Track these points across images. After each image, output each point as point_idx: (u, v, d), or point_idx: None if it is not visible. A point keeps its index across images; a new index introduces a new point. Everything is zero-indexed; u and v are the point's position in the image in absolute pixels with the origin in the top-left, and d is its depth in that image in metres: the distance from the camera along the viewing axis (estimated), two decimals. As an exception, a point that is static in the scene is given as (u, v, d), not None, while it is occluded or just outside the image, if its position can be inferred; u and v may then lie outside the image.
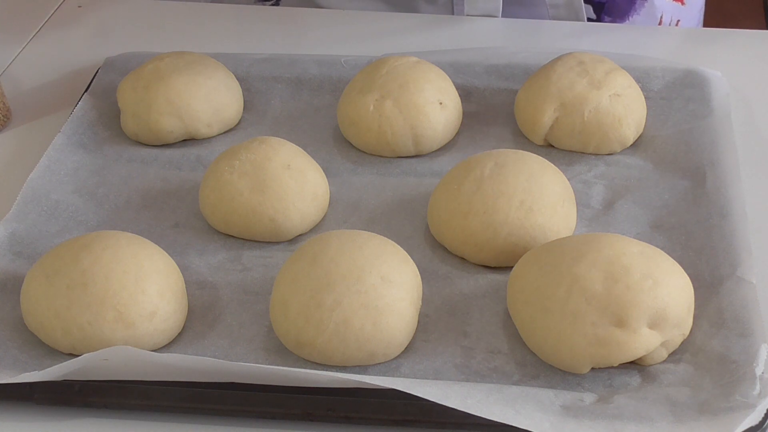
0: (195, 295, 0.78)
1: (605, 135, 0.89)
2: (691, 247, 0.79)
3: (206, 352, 0.73)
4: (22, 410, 0.70)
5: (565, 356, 0.69)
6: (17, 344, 0.73)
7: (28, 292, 0.74)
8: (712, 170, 0.85)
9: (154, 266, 0.74)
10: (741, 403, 0.65)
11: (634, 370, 0.70)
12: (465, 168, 0.81)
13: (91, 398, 0.69)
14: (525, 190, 0.79)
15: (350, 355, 0.71)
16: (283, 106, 0.98)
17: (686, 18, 1.15)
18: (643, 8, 1.10)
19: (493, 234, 0.78)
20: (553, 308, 0.70)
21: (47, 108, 0.99)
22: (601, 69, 0.90)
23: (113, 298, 0.72)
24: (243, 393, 0.69)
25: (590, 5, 1.10)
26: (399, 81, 0.90)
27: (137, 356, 0.67)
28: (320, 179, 0.85)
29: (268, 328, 0.74)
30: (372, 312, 0.70)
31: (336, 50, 1.02)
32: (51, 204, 0.85)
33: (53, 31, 1.13)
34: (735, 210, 0.80)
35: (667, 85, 0.95)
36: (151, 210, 0.86)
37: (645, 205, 0.84)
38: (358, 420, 0.68)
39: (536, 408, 0.66)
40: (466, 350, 0.72)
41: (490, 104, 0.96)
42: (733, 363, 0.68)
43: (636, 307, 0.68)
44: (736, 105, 0.93)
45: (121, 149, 0.93)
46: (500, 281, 0.77)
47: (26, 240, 0.82)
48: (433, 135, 0.90)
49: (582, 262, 0.70)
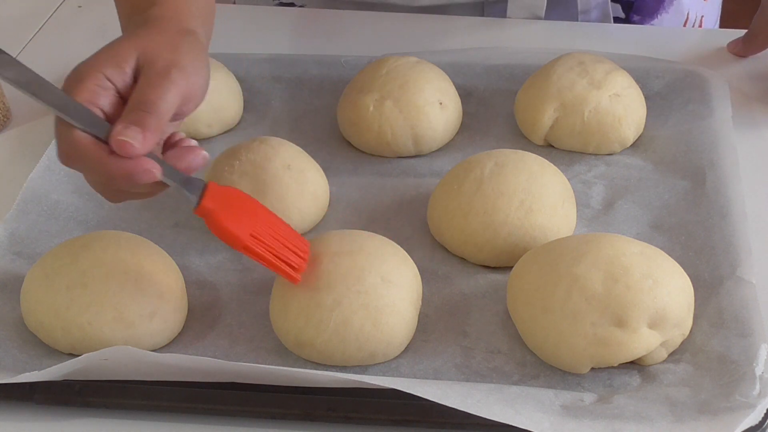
0: (195, 295, 0.78)
1: (605, 135, 0.89)
2: (691, 247, 0.79)
3: (206, 352, 0.73)
4: (22, 410, 0.70)
5: (565, 356, 0.69)
6: (17, 344, 0.73)
7: (28, 292, 0.74)
8: (711, 170, 0.85)
9: (154, 266, 0.74)
10: (741, 403, 0.65)
11: (634, 370, 0.70)
12: (465, 168, 0.81)
13: (91, 398, 0.69)
14: (525, 190, 0.79)
15: (350, 355, 0.71)
16: (283, 106, 0.98)
17: (708, 14, 1.16)
18: (671, 6, 1.10)
19: (493, 234, 0.78)
20: (553, 308, 0.70)
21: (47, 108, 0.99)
22: (601, 69, 0.90)
23: (113, 298, 0.72)
24: (243, 393, 0.69)
25: (619, 4, 1.10)
26: (399, 81, 0.90)
27: (137, 356, 0.67)
28: (320, 179, 0.85)
29: (268, 328, 0.74)
30: (372, 312, 0.70)
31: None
32: (51, 204, 0.85)
33: (53, 31, 1.13)
34: (735, 210, 0.80)
35: (667, 85, 0.95)
36: (151, 210, 0.86)
37: (645, 205, 0.84)
38: (358, 420, 0.68)
39: (536, 408, 0.66)
40: (466, 350, 0.72)
41: (490, 104, 0.96)
42: (733, 363, 0.68)
43: (636, 307, 0.68)
44: (736, 105, 0.93)
45: (121, 149, 0.93)
46: (500, 281, 0.77)
47: (26, 240, 0.82)
48: (433, 135, 0.90)
49: (582, 262, 0.70)
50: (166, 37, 0.69)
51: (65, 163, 0.67)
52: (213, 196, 0.69)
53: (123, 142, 0.64)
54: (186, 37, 0.71)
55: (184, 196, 0.69)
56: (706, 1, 1.15)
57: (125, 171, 0.65)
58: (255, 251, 0.69)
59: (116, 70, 0.67)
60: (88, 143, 0.65)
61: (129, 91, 0.67)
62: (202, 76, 0.69)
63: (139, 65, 0.67)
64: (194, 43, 0.71)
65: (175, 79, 0.66)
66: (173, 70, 0.67)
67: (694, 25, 1.14)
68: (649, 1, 1.10)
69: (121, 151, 0.64)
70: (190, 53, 0.69)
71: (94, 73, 0.66)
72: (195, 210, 0.69)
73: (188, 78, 0.68)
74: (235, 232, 0.68)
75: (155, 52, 0.68)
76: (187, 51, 0.69)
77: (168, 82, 0.66)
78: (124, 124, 0.64)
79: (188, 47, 0.69)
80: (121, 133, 0.64)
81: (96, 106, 0.66)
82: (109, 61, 0.67)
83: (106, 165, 0.65)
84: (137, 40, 0.69)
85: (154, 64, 0.67)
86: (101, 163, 0.65)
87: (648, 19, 1.11)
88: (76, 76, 0.66)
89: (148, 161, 0.65)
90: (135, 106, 0.65)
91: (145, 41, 0.68)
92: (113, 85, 0.67)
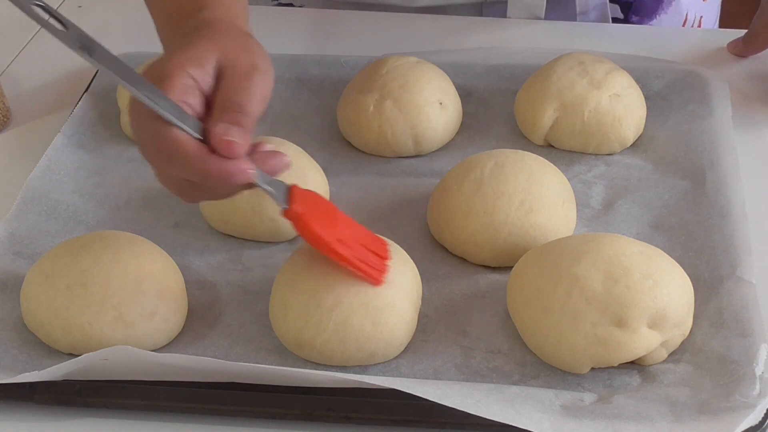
0: (195, 295, 0.77)
1: (605, 135, 0.89)
2: (691, 247, 0.79)
3: (206, 352, 0.73)
4: (22, 410, 0.70)
5: (565, 356, 0.69)
6: (17, 344, 0.73)
7: (28, 292, 0.74)
8: (711, 170, 0.85)
9: (154, 266, 0.74)
10: (741, 403, 0.65)
11: (634, 370, 0.70)
12: (465, 168, 0.81)
13: (91, 398, 0.69)
14: (525, 190, 0.79)
15: (350, 355, 0.71)
16: (283, 106, 0.98)
17: (708, 14, 1.16)
18: (670, 7, 1.10)
19: (493, 234, 0.78)
20: (553, 308, 0.70)
21: (47, 108, 0.99)
22: (601, 69, 0.90)
23: (113, 298, 0.72)
24: (243, 393, 0.69)
25: (617, 5, 1.10)
26: (399, 81, 0.90)
27: (137, 356, 0.67)
28: (320, 179, 0.85)
29: (268, 328, 0.74)
30: (372, 312, 0.70)
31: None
32: (51, 204, 0.85)
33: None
34: (735, 210, 0.80)
35: (667, 85, 0.95)
36: (151, 210, 0.86)
37: (645, 205, 0.84)
38: (358, 420, 0.68)
39: (536, 408, 0.66)
40: (466, 350, 0.72)
41: (490, 104, 0.96)
42: (732, 363, 0.68)
43: (636, 307, 0.68)
44: (736, 105, 0.93)
45: (121, 149, 0.93)
46: (500, 281, 0.77)
47: (26, 240, 0.82)
48: (433, 135, 0.90)
49: (582, 262, 0.70)
50: (237, 40, 0.70)
51: (149, 157, 0.67)
52: (301, 200, 0.70)
53: (229, 143, 0.64)
54: (251, 39, 0.71)
55: (273, 198, 0.69)
56: (705, 2, 1.15)
57: (225, 171, 0.64)
58: (343, 256, 0.70)
59: (199, 70, 0.67)
60: (188, 141, 0.64)
61: (209, 92, 0.67)
62: (272, 78, 0.70)
63: (221, 67, 0.67)
64: (259, 45, 0.71)
65: (258, 81, 0.67)
66: (255, 72, 0.67)
67: (693, 25, 1.14)
68: (648, 2, 1.10)
69: (226, 151, 0.64)
70: (261, 55, 0.70)
71: (180, 71, 0.66)
72: (284, 213, 0.69)
73: (266, 79, 0.68)
74: (326, 238, 0.69)
75: (235, 54, 0.68)
76: (258, 53, 0.70)
77: (253, 85, 0.67)
78: (227, 125, 0.64)
79: (258, 49, 0.70)
80: (227, 134, 0.64)
81: (186, 104, 0.65)
82: (192, 61, 0.67)
83: (207, 164, 0.64)
84: (213, 42, 0.69)
85: (236, 66, 0.67)
86: (201, 162, 0.64)
87: (647, 19, 1.11)
88: (162, 72, 0.66)
89: (247, 162, 0.65)
90: (228, 107, 0.66)
91: (222, 44, 0.69)
92: (197, 85, 0.67)
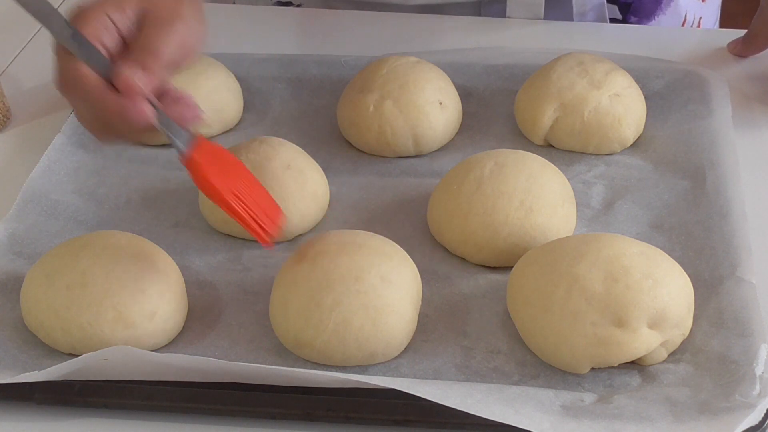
0: (195, 295, 0.78)
1: (605, 135, 0.89)
2: (691, 247, 0.79)
3: (206, 352, 0.73)
4: (22, 410, 0.70)
5: (565, 356, 0.69)
6: (17, 344, 0.73)
7: (28, 292, 0.74)
8: (711, 170, 0.85)
9: (154, 266, 0.74)
10: (741, 403, 0.65)
11: (634, 370, 0.70)
12: (465, 168, 0.81)
13: (91, 398, 0.69)
14: (525, 190, 0.79)
15: (350, 355, 0.71)
16: (283, 106, 0.98)
17: (707, 15, 1.16)
18: (669, 7, 1.10)
19: (493, 234, 0.78)
20: (553, 308, 0.70)
21: (47, 108, 0.99)
22: (601, 69, 0.90)
23: (113, 298, 0.72)
24: (243, 393, 0.69)
25: (616, 5, 1.10)
26: (399, 81, 0.90)
27: (137, 356, 0.67)
28: (320, 179, 0.85)
29: (268, 328, 0.74)
30: (371, 312, 0.70)
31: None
32: (51, 204, 0.85)
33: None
34: (735, 210, 0.80)
35: (666, 85, 0.95)
36: (151, 210, 0.86)
37: (645, 205, 0.84)
38: (358, 420, 0.67)
39: (536, 408, 0.66)
40: (466, 350, 0.72)
41: (490, 104, 0.96)
42: (733, 363, 0.68)
43: (636, 307, 0.68)
44: (736, 105, 0.93)
45: (121, 149, 0.93)
46: (500, 281, 0.77)
47: (26, 240, 0.82)
48: (433, 135, 0.90)
49: (582, 262, 0.70)
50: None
51: (61, 90, 0.69)
52: (202, 150, 0.71)
53: (128, 80, 0.66)
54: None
55: (173, 143, 0.70)
56: (704, 2, 1.15)
57: (121, 107, 0.66)
58: (233, 208, 0.71)
59: (120, 13, 0.69)
60: (89, 74, 0.67)
61: (129, 35, 0.69)
62: (201, 30, 0.72)
63: (143, 12, 0.69)
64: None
65: (178, 29, 0.69)
66: (177, 19, 0.69)
67: (692, 26, 1.14)
68: (647, 3, 1.10)
69: (123, 88, 0.66)
70: (191, 6, 0.71)
71: (99, 13, 0.68)
72: (182, 160, 0.70)
73: (189, 29, 0.70)
74: (218, 186, 0.70)
75: (161, 2, 0.70)
76: (188, 4, 0.71)
77: (172, 30, 0.69)
78: (128, 64, 0.67)
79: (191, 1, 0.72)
80: (125, 71, 0.66)
81: (100, 43, 0.68)
82: (112, 4, 0.69)
83: (104, 98, 0.66)
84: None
85: (158, 12, 0.69)
86: (99, 96, 0.67)
87: (645, 20, 1.11)
88: (80, 13, 0.68)
89: (145, 103, 0.67)
90: (139, 48, 0.68)
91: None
92: (116, 27, 0.69)
